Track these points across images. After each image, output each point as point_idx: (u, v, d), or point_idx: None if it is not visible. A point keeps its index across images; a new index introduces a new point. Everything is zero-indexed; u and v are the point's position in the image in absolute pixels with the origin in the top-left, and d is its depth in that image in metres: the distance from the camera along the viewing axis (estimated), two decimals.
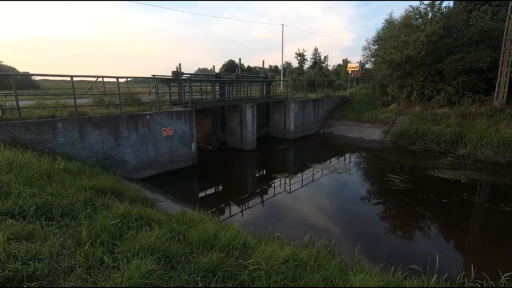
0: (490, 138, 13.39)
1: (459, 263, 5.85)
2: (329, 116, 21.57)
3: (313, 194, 9.97)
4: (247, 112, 14.99)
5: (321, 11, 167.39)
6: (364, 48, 30.50)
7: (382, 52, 19.97)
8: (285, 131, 18.62)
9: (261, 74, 19.55)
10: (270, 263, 3.28)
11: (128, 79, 15.81)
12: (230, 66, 63.79)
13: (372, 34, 55.70)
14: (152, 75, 12.80)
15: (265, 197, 9.56)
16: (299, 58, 47.78)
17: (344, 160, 14.51)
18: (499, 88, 15.13)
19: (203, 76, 18.48)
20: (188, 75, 14.81)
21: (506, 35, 14.41)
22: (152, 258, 2.87)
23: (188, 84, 12.91)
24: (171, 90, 13.81)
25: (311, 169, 12.43)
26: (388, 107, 20.61)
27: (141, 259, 2.78)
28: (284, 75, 38.66)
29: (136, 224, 3.89)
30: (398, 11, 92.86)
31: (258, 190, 10.26)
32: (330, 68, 49.84)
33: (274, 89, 20.26)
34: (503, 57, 14.64)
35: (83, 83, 32.42)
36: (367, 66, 34.02)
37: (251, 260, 3.29)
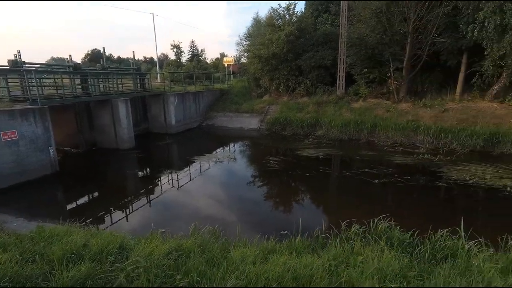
0: (337, 121, 16.77)
1: (319, 221, 7.21)
2: (210, 108, 22.04)
3: (203, 185, 10.10)
4: (119, 108, 13.55)
5: (197, 5, 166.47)
6: (238, 43, 32.50)
7: (252, 47, 21.74)
8: (166, 126, 17.89)
9: (133, 65, 17.95)
10: (150, 259, 3.18)
11: None
12: (96, 56, 55.64)
13: (244, 30, 60.09)
14: None
15: (152, 196, 9.03)
16: (175, 50, 46.32)
17: (229, 150, 15.26)
18: (339, 81, 19.12)
19: (58, 67, 15.44)
20: (37, 65, 12.09)
21: (341, 39, 18.24)
22: None
23: (34, 76, 10.51)
24: (10, 84, 10.95)
25: (198, 161, 12.50)
26: (262, 98, 22.74)
27: None
28: (161, 67, 36.71)
29: None
30: (263, 11, 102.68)
31: (143, 190, 9.59)
32: (208, 61, 50.57)
33: (150, 82, 19.04)
34: (340, 56, 18.53)
35: None
36: (242, 60, 36.36)
37: (128, 261, 3.10)
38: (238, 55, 35.77)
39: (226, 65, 33.64)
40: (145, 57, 63.69)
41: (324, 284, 2.94)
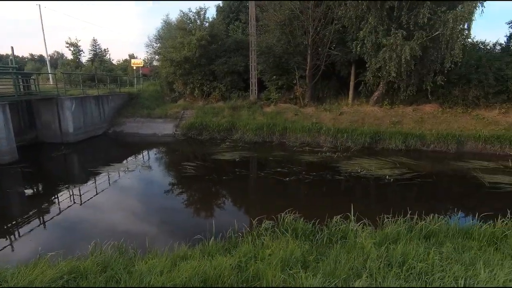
0: (251, 124, 17.47)
1: (233, 222, 7.37)
2: (118, 114, 20.12)
3: (113, 198, 9.10)
4: None
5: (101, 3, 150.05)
6: (148, 45, 30.66)
7: (163, 50, 20.90)
8: (62, 134, 15.50)
9: (13, 64, 15.00)
10: None
11: None
12: None
13: (154, 32, 56.95)
14: None
15: (47, 217, 7.64)
16: (72, 48, 40.77)
17: (142, 158, 14.20)
18: (252, 86, 20.06)
19: None
20: None
21: (251, 47, 19.21)
22: None
23: None
24: None
25: (105, 173, 11.21)
26: (176, 102, 22.02)
27: None
28: (55, 67, 31.69)
29: None
30: (174, 14, 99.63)
31: (34, 211, 8.04)
32: (115, 62, 46.18)
33: (37, 83, 16.18)
34: (251, 63, 19.49)
35: None
36: (155, 63, 34.44)
37: None
38: (149, 57, 33.82)
39: (134, 68, 31.34)
40: (32, 55, 53.88)
41: (232, 280, 3.03)
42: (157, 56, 23.75)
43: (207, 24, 20.87)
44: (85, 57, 45.35)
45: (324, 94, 19.85)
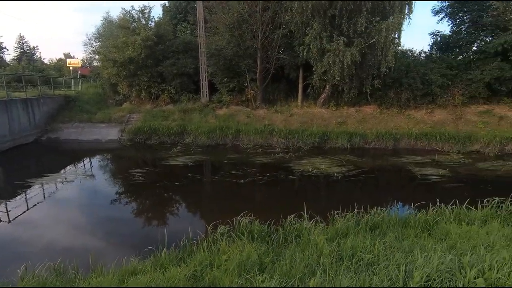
0: (203, 128, 17.13)
1: (187, 229, 7.11)
2: (52, 119, 18.11)
3: (48, 213, 8.10)
4: None
5: None
6: (86, 44, 28.10)
7: (103, 50, 19.42)
8: None
9: None
10: None
11: None
12: None
13: (92, 30, 52.31)
14: None
15: None
16: None
17: (84, 166, 12.97)
18: (203, 89, 19.69)
19: None
20: None
21: (200, 49, 18.87)
22: None
23: None
24: None
25: (38, 185, 9.94)
26: (121, 106, 20.63)
27: None
28: None
29: None
30: (115, 11, 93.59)
31: None
32: (47, 62, 41.57)
33: None
34: (201, 65, 19.14)
35: None
36: (95, 63, 31.79)
37: None
38: (88, 57, 31.13)
39: (71, 68, 28.55)
40: None
41: None
42: (97, 56, 21.94)
43: (153, 24, 19.94)
44: (9, 56, 40.05)
45: (275, 97, 20.35)
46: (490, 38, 17.98)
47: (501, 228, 5.19)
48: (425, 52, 21.09)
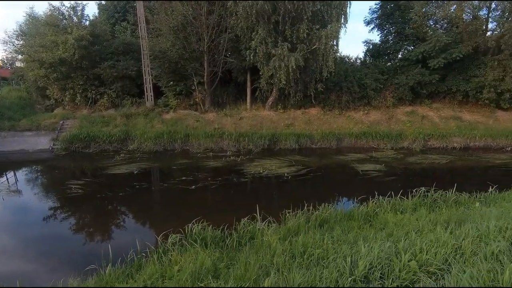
0: (149, 133, 16.28)
1: (134, 242, 6.66)
2: None
3: None
4: None
5: None
6: (5, 42, 24.54)
7: (28, 49, 17.25)
8: None
9: None
10: None
11: None
12: None
13: (14, 26, 45.46)
14: None
15: None
16: None
17: (7, 181, 11.25)
18: (147, 92, 18.72)
19: None
20: None
21: (143, 51, 17.93)
22: None
23: None
24: None
25: None
26: (53, 111, 18.58)
27: None
28: None
29: None
30: (40, 7, 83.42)
31: None
32: None
33: None
34: (144, 67, 18.18)
35: None
36: (18, 64, 27.96)
37: None
38: (8, 57, 27.33)
39: None
40: None
41: None
42: (20, 56, 19.37)
43: (87, 23, 18.33)
44: None
45: (224, 100, 20.29)
46: (412, 47, 20.45)
47: (428, 214, 5.91)
48: (360, 59, 23.12)
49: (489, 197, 7.49)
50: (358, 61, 22.98)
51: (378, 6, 22.37)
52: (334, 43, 16.87)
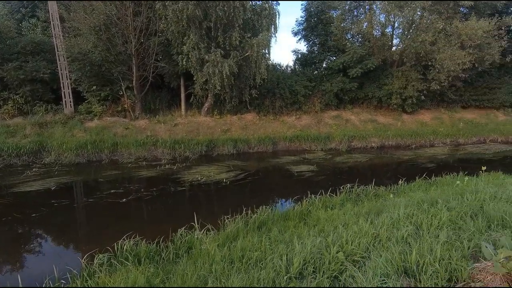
0: (69, 143, 14.47)
1: (52, 269, 5.82)
2: None
3: None
4: None
5: None
6: None
7: None
8: None
9: None
10: None
11: None
12: None
13: None
14: None
15: None
16: None
17: None
18: (65, 98, 16.65)
19: None
20: None
21: (58, 51, 15.94)
22: None
23: None
24: None
25: None
26: None
27: None
28: None
29: None
30: None
31: None
32: None
33: None
34: (61, 70, 16.16)
35: None
36: None
37: None
38: None
39: None
40: None
41: None
42: None
43: None
44: None
45: (157, 106, 19.32)
46: (334, 58, 22.61)
47: (353, 208, 6.55)
48: (290, 67, 24.58)
49: (400, 189, 8.69)
50: (289, 69, 24.39)
51: (303, 19, 24.18)
52: (266, 51, 17.58)
